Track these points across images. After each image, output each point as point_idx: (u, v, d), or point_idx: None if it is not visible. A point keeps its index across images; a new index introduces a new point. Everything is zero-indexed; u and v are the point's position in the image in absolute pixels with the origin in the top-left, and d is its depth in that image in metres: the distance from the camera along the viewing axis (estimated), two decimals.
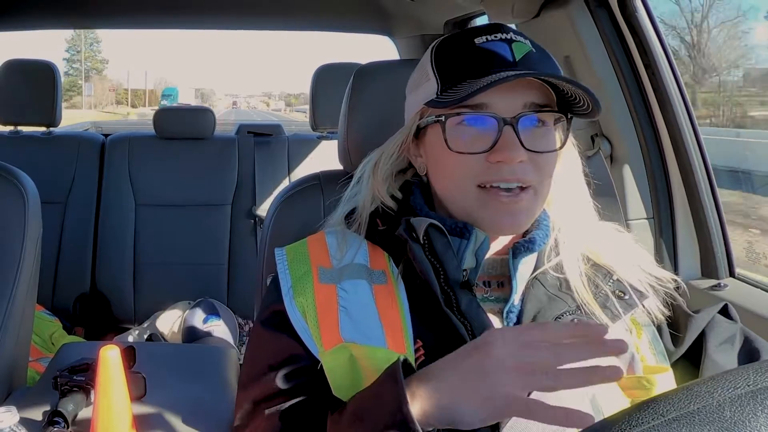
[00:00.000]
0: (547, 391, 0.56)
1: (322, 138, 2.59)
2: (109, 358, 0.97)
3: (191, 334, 2.17)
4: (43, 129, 2.51)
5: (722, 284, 1.34)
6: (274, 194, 1.10)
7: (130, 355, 1.13)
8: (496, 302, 0.77)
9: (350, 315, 0.72)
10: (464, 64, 0.74)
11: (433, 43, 0.79)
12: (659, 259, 1.41)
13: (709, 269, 1.40)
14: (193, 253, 2.48)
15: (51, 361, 1.38)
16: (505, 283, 0.77)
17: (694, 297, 1.36)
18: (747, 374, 0.37)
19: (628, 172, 1.46)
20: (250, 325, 2.33)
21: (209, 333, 2.16)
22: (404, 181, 0.83)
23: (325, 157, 2.49)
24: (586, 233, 0.80)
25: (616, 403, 0.69)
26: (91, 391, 1.06)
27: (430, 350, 0.70)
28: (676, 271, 1.41)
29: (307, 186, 1.05)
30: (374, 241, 0.80)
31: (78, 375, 1.10)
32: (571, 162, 0.80)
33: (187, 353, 1.52)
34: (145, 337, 2.30)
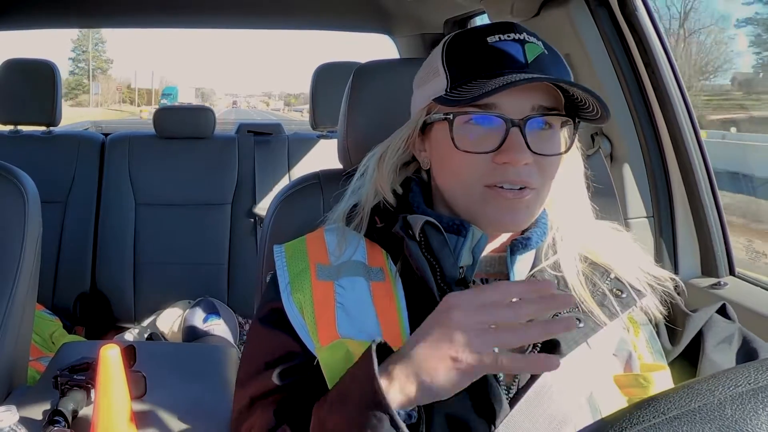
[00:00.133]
0: (512, 346, 0.58)
1: (322, 137, 2.59)
2: (110, 357, 0.97)
3: (191, 333, 2.17)
4: (43, 128, 2.50)
5: (722, 283, 1.34)
6: (274, 193, 1.09)
7: (130, 354, 1.13)
8: None
9: (347, 311, 0.72)
10: (476, 63, 0.73)
11: (445, 38, 0.79)
12: (659, 258, 1.41)
13: (709, 268, 1.40)
14: (193, 252, 2.48)
15: (51, 360, 1.38)
16: (503, 280, 0.77)
17: (694, 295, 1.35)
18: (748, 372, 0.37)
19: (628, 170, 1.46)
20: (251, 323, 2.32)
21: (209, 332, 2.16)
22: (405, 178, 0.83)
23: (325, 156, 2.49)
24: (583, 232, 0.80)
25: (613, 401, 0.69)
26: (92, 391, 1.06)
27: None
28: (676, 270, 1.41)
29: (306, 185, 1.05)
30: (372, 238, 0.80)
31: (78, 374, 1.10)
32: (573, 164, 0.80)
33: (188, 352, 1.52)
34: (146, 337, 2.30)
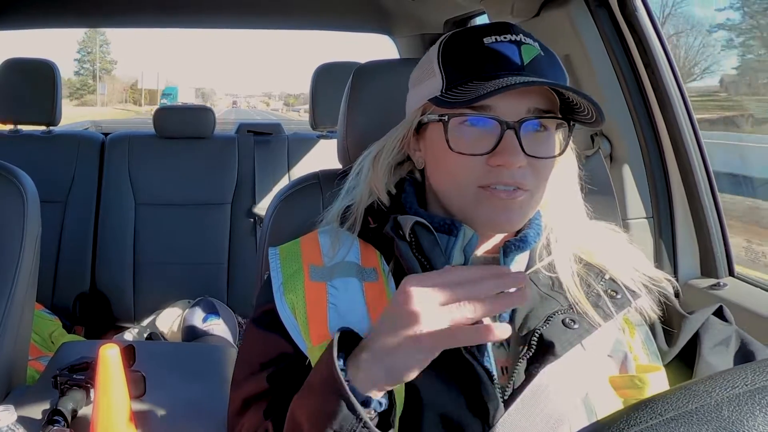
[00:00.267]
0: (467, 321, 0.58)
1: (322, 137, 2.59)
2: (109, 356, 0.97)
3: (191, 333, 2.17)
4: (43, 128, 2.50)
5: (722, 283, 1.34)
6: (274, 193, 1.09)
7: (129, 354, 1.13)
8: None
9: (339, 312, 0.73)
10: (471, 65, 0.73)
11: (441, 38, 0.79)
12: (659, 259, 1.41)
13: (708, 268, 1.40)
14: (192, 252, 2.48)
15: (51, 359, 1.38)
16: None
17: (694, 296, 1.35)
18: (745, 374, 0.37)
19: (627, 171, 1.46)
20: None
21: (209, 332, 2.16)
22: (399, 179, 0.83)
23: (325, 156, 2.49)
24: (577, 233, 0.79)
25: (609, 402, 0.69)
26: (91, 390, 1.06)
27: None
28: (676, 270, 1.41)
29: (306, 185, 1.05)
30: (366, 238, 0.80)
31: (78, 374, 1.10)
32: (567, 165, 0.80)
33: (187, 352, 1.52)
34: (145, 336, 2.30)
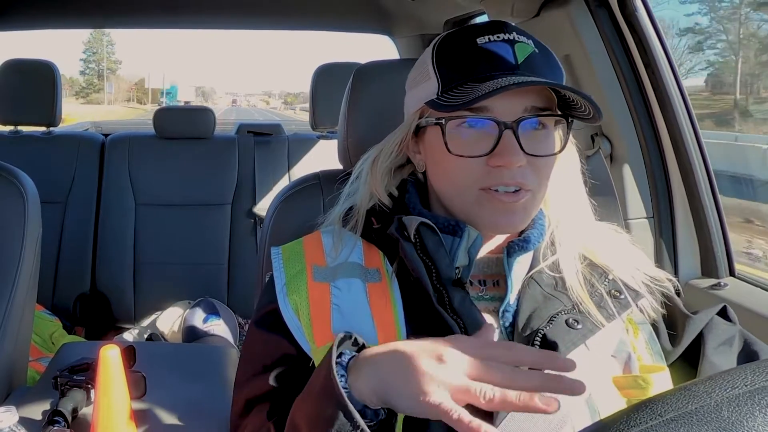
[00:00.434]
0: (483, 408, 0.55)
1: (322, 137, 2.59)
2: (110, 357, 0.97)
3: (191, 334, 2.17)
4: (43, 129, 2.50)
5: (722, 283, 1.33)
6: (274, 193, 1.09)
7: (130, 355, 1.13)
8: (492, 301, 0.77)
9: (342, 313, 0.72)
10: (466, 66, 0.73)
11: (435, 39, 0.78)
12: (659, 259, 1.41)
13: (709, 268, 1.40)
14: (193, 252, 2.48)
15: (51, 360, 1.38)
16: (501, 282, 0.77)
17: (694, 296, 1.35)
18: (745, 374, 0.37)
19: (627, 171, 1.45)
20: None
21: (209, 332, 2.16)
22: (401, 180, 0.83)
23: (325, 157, 2.49)
24: (582, 231, 0.79)
25: (612, 402, 0.69)
26: (92, 391, 1.06)
27: None
28: (676, 271, 1.41)
29: (306, 185, 1.05)
30: (370, 239, 0.80)
31: (78, 374, 1.10)
32: (569, 161, 0.80)
33: (187, 353, 1.52)
34: (145, 337, 2.30)
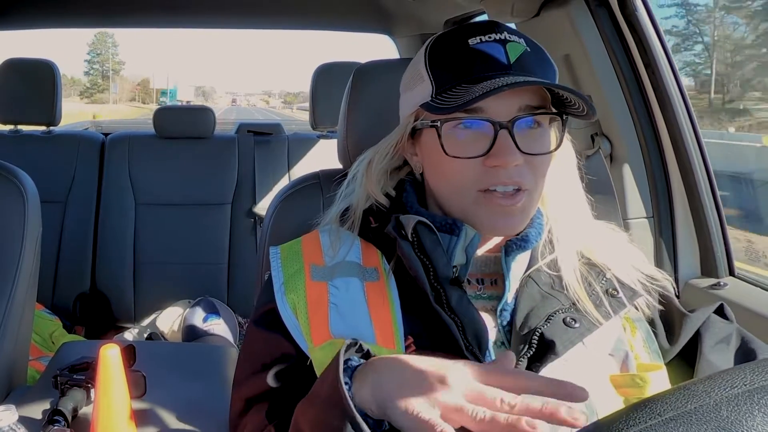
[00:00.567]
0: (474, 430, 0.54)
1: (322, 137, 2.59)
2: (109, 356, 0.97)
3: (191, 333, 2.17)
4: (43, 128, 2.50)
5: (722, 283, 1.34)
6: (274, 193, 1.09)
7: (130, 354, 1.13)
8: (490, 300, 0.77)
9: (340, 312, 0.72)
10: (458, 68, 0.73)
11: (427, 41, 0.78)
12: (659, 258, 1.41)
13: (708, 268, 1.40)
14: (192, 252, 2.48)
15: (51, 359, 1.38)
16: (499, 280, 0.77)
17: (694, 296, 1.36)
18: (744, 373, 0.37)
19: (627, 171, 1.46)
20: None
21: (209, 332, 2.16)
22: (399, 180, 0.83)
23: (325, 156, 2.49)
24: (580, 228, 0.79)
25: (610, 401, 0.69)
26: (91, 390, 1.06)
27: (422, 346, 0.70)
28: (676, 270, 1.41)
29: (306, 185, 1.05)
30: (367, 238, 0.80)
31: (78, 374, 1.10)
32: (565, 159, 0.80)
33: (187, 352, 1.52)
34: (145, 336, 2.30)
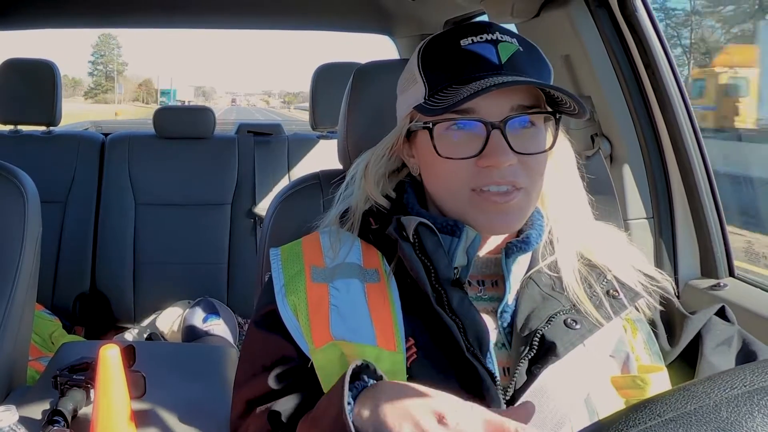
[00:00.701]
0: None
1: (322, 137, 2.59)
2: (109, 357, 0.97)
3: (191, 333, 2.17)
4: (43, 128, 2.50)
5: (722, 284, 1.33)
6: (274, 193, 1.09)
7: (129, 354, 1.13)
8: (490, 301, 0.77)
9: (341, 313, 0.72)
10: (450, 69, 0.73)
11: (420, 44, 0.79)
12: (659, 259, 1.41)
13: (708, 269, 1.40)
14: (192, 252, 2.48)
15: (51, 360, 1.38)
16: (499, 282, 0.77)
17: (694, 296, 1.35)
18: (743, 374, 0.37)
19: (627, 171, 1.46)
20: None
21: (209, 332, 2.16)
22: (398, 182, 0.83)
23: (325, 157, 2.49)
24: (580, 228, 0.79)
25: (611, 403, 0.69)
26: (91, 390, 1.06)
27: (423, 348, 0.70)
28: (676, 271, 1.41)
29: (306, 185, 1.05)
30: (368, 239, 0.80)
31: (78, 374, 1.10)
32: (563, 157, 0.80)
33: (187, 352, 1.52)
34: (145, 337, 2.30)
